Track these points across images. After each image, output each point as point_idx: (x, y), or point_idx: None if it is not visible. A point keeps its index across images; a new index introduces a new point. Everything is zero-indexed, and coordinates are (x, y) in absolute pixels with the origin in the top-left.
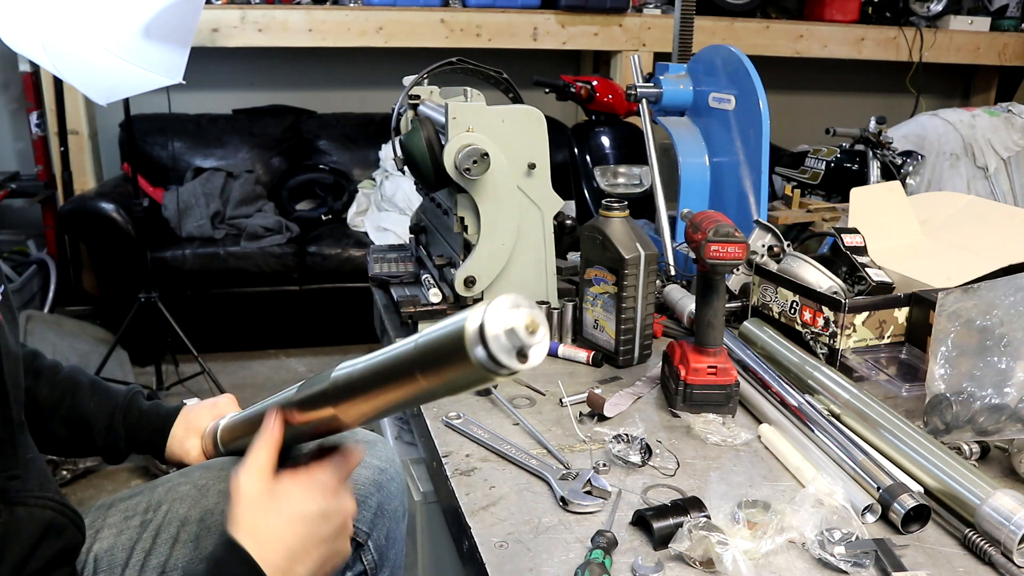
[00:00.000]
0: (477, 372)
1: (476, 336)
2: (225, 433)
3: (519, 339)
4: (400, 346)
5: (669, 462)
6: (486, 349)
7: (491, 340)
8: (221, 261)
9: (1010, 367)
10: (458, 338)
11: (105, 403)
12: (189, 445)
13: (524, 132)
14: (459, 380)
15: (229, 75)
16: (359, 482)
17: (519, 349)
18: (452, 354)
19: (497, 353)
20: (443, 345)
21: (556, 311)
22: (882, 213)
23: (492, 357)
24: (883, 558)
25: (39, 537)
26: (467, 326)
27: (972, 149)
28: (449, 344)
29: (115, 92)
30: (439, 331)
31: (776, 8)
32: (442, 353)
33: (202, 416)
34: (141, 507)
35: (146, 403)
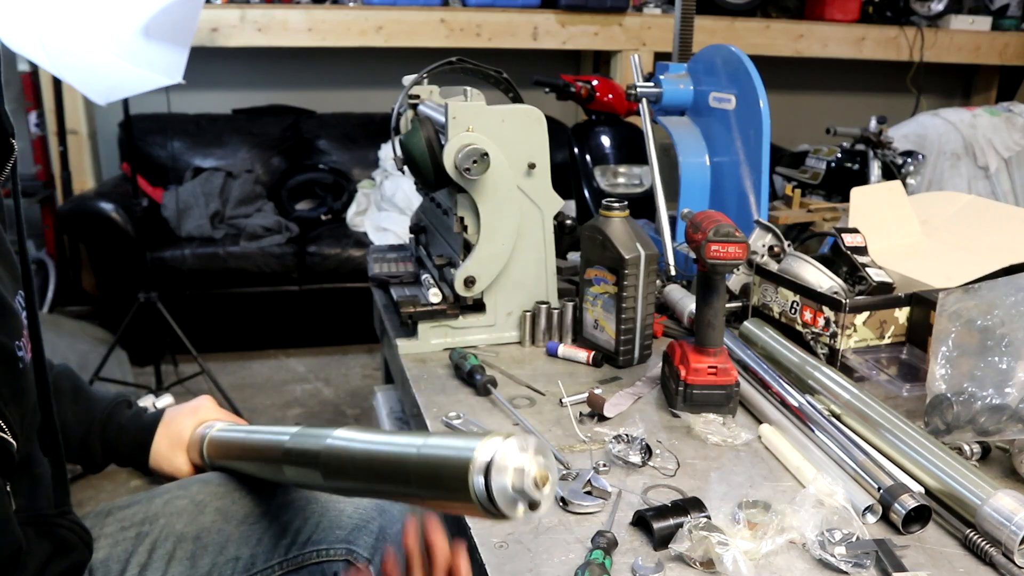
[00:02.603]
0: (472, 506)
1: (482, 470)
2: (213, 448)
3: (524, 490)
4: (405, 443)
5: (669, 462)
6: (487, 488)
7: (495, 482)
8: (221, 261)
9: (1011, 367)
10: (462, 466)
11: (84, 415)
12: (179, 462)
13: (524, 132)
14: (451, 504)
15: (229, 75)
16: (360, 506)
17: (527, 500)
18: (452, 478)
19: (497, 496)
20: (446, 465)
21: (556, 311)
22: (883, 213)
23: (491, 498)
24: (884, 558)
25: (49, 556)
26: (476, 456)
27: (973, 149)
28: (452, 467)
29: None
30: (447, 448)
31: (776, 8)
32: (443, 472)
33: (183, 425)
34: (138, 518)
35: (127, 414)
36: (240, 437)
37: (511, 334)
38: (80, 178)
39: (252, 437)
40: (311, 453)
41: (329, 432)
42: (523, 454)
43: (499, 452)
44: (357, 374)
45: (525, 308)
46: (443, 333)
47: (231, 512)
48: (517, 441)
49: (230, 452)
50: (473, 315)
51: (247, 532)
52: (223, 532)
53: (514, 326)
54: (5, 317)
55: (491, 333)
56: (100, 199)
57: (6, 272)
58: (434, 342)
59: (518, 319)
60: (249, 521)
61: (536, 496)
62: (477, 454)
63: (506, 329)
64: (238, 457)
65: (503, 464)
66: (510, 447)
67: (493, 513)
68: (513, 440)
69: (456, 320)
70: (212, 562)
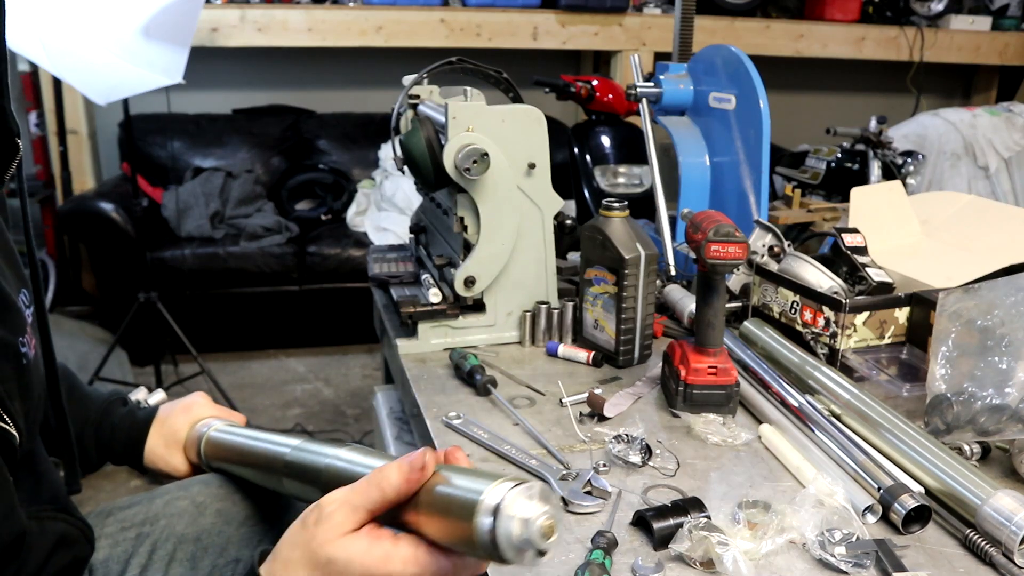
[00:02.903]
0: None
1: (489, 511)
2: (211, 449)
3: (529, 539)
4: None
5: (669, 462)
6: (492, 532)
7: (501, 526)
8: (220, 261)
9: (1011, 367)
10: (469, 506)
11: (78, 413)
12: (174, 460)
13: (524, 132)
14: (450, 539)
15: (229, 75)
16: None
17: (534, 549)
18: (457, 514)
19: (501, 541)
20: (451, 502)
21: (556, 311)
22: (883, 213)
23: (495, 541)
24: (884, 558)
25: (51, 549)
26: (483, 500)
27: (973, 149)
28: (458, 506)
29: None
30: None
31: (776, 8)
32: (447, 508)
33: (178, 423)
34: (138, 518)
35: (120, 412)
36: (240, 442)
37: (511, 334)
38: (80, 178)
39: (252, 444)
40: (312, 470)
41: (334, 451)
42: (531, 503)
43: (507, 499)
44: (357, 374)
45: (525, 308)
46: (443, 333)
47: (232, 514)
48: (528, 489)
49: (229, 456)
50: (473, 315)
51: (248, 534)
52: (223, 534)
53: (514, 326)
54: (9, 314)
55: (491, 333)
56: (100, 199)
57: (10, 270)
58: (434, 342)
59: (518, 319)
60: (250, 523)
61: (542, 545)
62: (485, 497)
63: (506, 329)
64: (237, 462)
65: (514, 507)
66: (520, 493)
67: (494, 553)
68: (523, 487)
69: (456, 320)
70: (212, 564)
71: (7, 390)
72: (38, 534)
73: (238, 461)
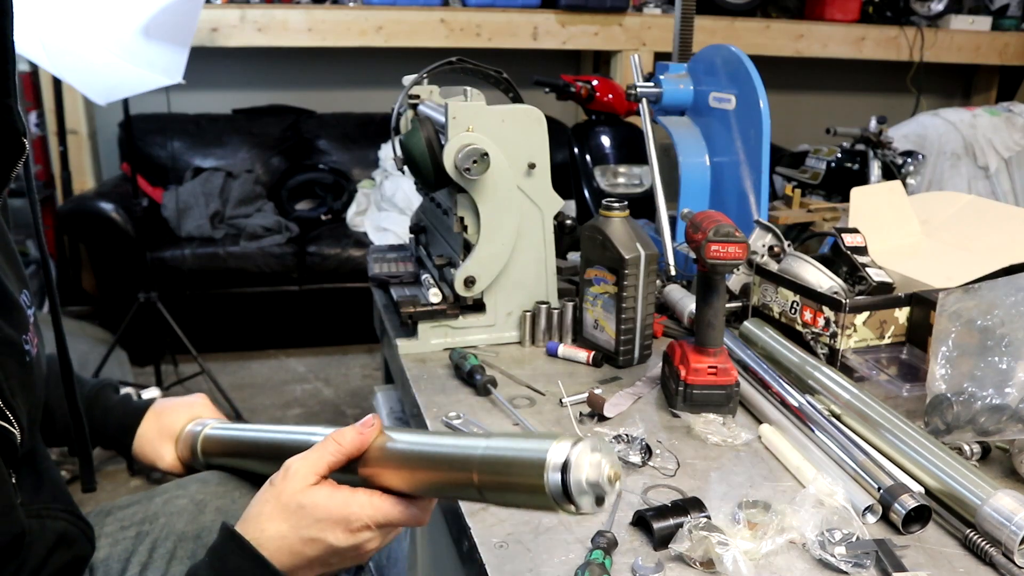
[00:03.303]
0: (543, 500)
1: (558, 467)
2: (208, 444)
3: (599, 486)
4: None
5: (669, 462)
6: (564, 482)
7: (573, 479)
8: (220, 261)
9: (1011, 367)
10: (538, 465)
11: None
12: (163, 450)
13: (524, 132)
14: (518, 500)
15: (229, 75)
16: None
17: (595, 493)
18: (524, 475)
19: (573, 490)
20: (518, 463)
21: (556, 311)
22: (883, 213)
23: (567, 492)
24: (884, 558)
25: (51, 548)
26: (549, 457)
27: (973, 149)
28: (526, 466)
29: (114, 92)
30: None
31: (776, 8)
32: (514, 469)
33: (176, 418)
34: (138, 517)
35: (114, 397)
36: (242, 435)
37: (511, 334)
38: (80, 178)
39: (254, 435)
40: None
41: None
42: (597, 454)
43: (576, 453)
44: (357, 374)
45: (525, 308)
46: (443, 333)
47: (231, 511)
48: (590, 444)
49: (232, 449)
50: (473, 315)
51: None
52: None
53: (514, 326)
54: (12, 312)
55: (491, 333)
56: (100, 199)
57: (11, 270)
58: (434, 342)
59: (518, 319)
60: None
61: (608, 490)
62: (551, 455)
63: (506, 329)
64: (238, 455)
65: (582, 462)
66: (585, 447)
67: (566, 507)
68: (586, 442)
69: (456, 320)
70: None
71: (10, 387)
72: (39, 532)
73: (239, 454)
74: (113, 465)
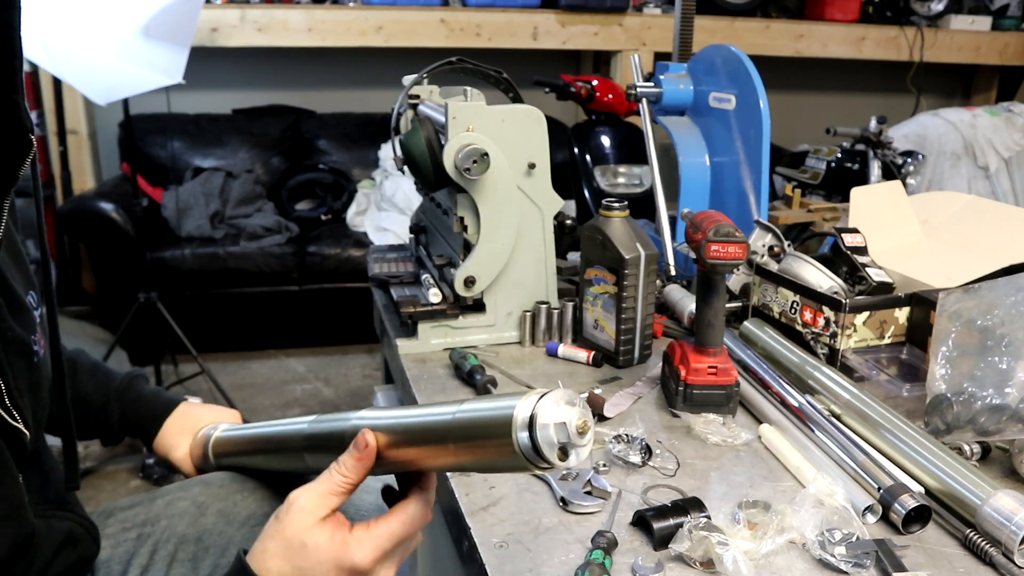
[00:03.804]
0: (515, 459)
1: (525, 424)
2: (220, 445)
3: (567, 436)
4: (437, 413)
5: (669, 462)
6: (532, 439)
7: (539, 431)
8: (220, 261)
9: (1011, 367)
10: (504, 422)
11: (103, 384)
12: (178, 442)
13: (524, 132)
14: (494, 462)
15: (229, 75)
16: (362, 508)
17: (563, 446)
18: (494, 435)
19: (542, 445)
20: (487, 424)
21: (556, 311)
22: (883, 213)
23: (536, 448)
24: (884, 558)
25: (58, 548)
26: (516, 413)
27: (973, 149)
28: (494, 425)
29: (114, 92)
30: (485, 409)
31: (776, 8)
32: (484, 431)
33: (203, 418)
34: (139, 519)
35: (146, 388)
36: (253, 432)
37: (511, 334)
38: (80, 178)
39: (267, 430)
40: (336, 435)
41: (355, 413)
42: (564, 405)
43: (540, 404)
44: (357, 374)
45: (525, 308)
46: (443, 333)
47: (233, 514)
48: (557, 395)
49: (243, 447)
50: (473, 315)
51: (249, 534)
52: (225, 534)
53: (514, 326)
54: (21, 313)
55: (491, 333)
56: (100, 199)
57: (18, 271)
58: (434, 342)
59: (518, 319)
60: (251, 523)
61: (578, 442)
62: (518, 410)
63: (506, 329)
64: (252, 451)
65: (547, 412)
66: (550, 399)
67: (537, 461)
68: (552, 394)
69: (456, 320)
70: (214, 564)
71: (18, 388)
72: (45, 532)
73: (254, 450)
74: (114, 465)
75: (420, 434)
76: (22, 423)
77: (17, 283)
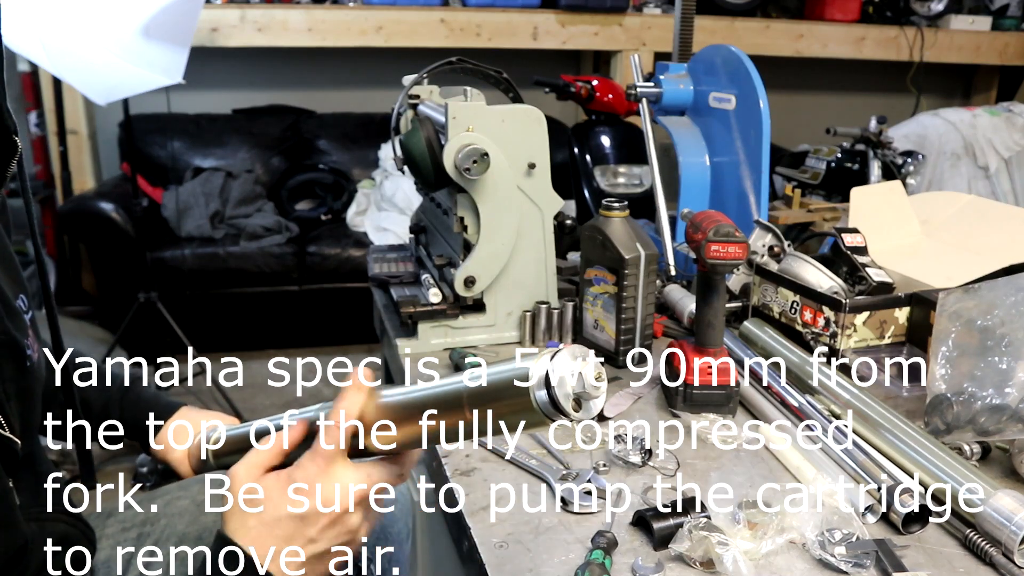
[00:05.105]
0: (533, 413)
1: (542, 381)
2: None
3: (583, 385)
4: (448, 382)
5: (669, 462)
6: (549, 393)
7: (556, 382)
8: (220, 261)
9: (1011, 367)
10: (521, 375)
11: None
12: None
13: (524, 132)
14: (510, 418)
15: (229, 75)
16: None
17: (579, 396)
18: (510, 390)
19: (559, 397)
20: (503, 381)
21: (556, 311)
22: (883, 213)
23: (553, 400)
24: (884, 558)
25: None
26: (532, 369)
27: (973, 149)
28: (509, 380)
29: (114, 92)
30: (499, 369)
31: (776, 8)
32: (500, 389)
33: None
34: (139, 519)
35: (146, 392)
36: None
37: (511, 334)
38: (80, 178)
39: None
40: None
41: None
42: (578, 359)
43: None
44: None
45: (525, 308)
46: (443, 333)
47: None
48: (571, 350)
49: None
50: (473, 315)
51: None
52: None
53: (514, 326)
54: (13, 317)
55: (491, 333)
56: (100, 199)
57: (8, 275)
58: (434, 342)
59: (518, 319)
60: None
61: (594, 390)
62: (533, 367)
63: (506, 329)
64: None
65: (562, 365)
66: (564, 354)
67: (554, 413)
68: (566, 349)
69: (456, 320)
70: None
71: (5, 391)
72: (38, 535)
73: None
74: (113, 465)
75: (434, 402)
76: (8, 430)
77: (7, 286)
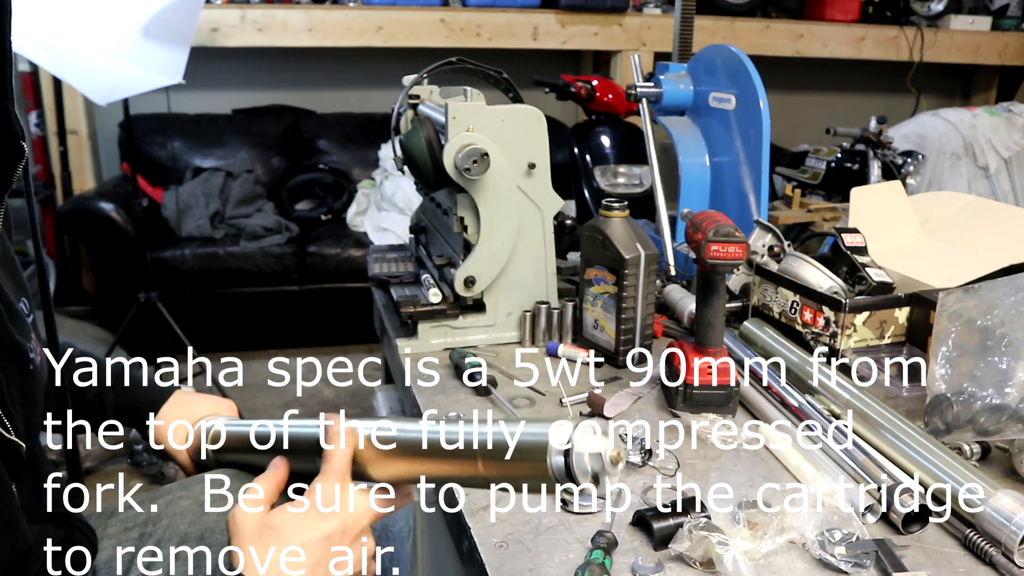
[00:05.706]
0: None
1: (561, 450)
2: (227, 440)
3: (600, 465)
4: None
5: (669, 462)
6: (567, 464)
7: (575, 458)
8: (221, 261)
9: (1011, 367)
10: (541, 444)
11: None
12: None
13: (524, 132)
14: (521, 479)
15: (229, 75)
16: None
17: (595, 474)
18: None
19: (576, 472)
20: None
21: (556, 311)
22: (882, 213)
23: (570, 473)
24: (884, 558)
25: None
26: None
27: (973, 149)
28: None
29: (115, 92)
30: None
31: (776, 8)
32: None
33: (199, 407)
34: (141, 519)
35: (140, 375)
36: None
37: (511, 334)
38: (80, 178)
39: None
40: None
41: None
42: (599, 436)
43: (578, 431)
44: (357, 374)
45: (525, 308)
46: (443, 333)
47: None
48: (590, 424)
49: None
50: (473, 315)
51: None
52: (227, 532)
53: (514, 326)
54: (15, 320)
55: (491, 333)
56: (100, 199)
57: (9, 278)
58: (434, 342)
59: (518, 319)
60: None
61: (611, 471)
62: (552, 436)
63: (506, 329)
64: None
65: (584, 441)
66: (586, 427)
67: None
68: (586, 423)
69: (456, 320)
70: (217, 562)
71: (10, 395)
72: (40, 537)
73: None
74: (114, 465)
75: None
76: (14, 433)
77: (9, 290)
